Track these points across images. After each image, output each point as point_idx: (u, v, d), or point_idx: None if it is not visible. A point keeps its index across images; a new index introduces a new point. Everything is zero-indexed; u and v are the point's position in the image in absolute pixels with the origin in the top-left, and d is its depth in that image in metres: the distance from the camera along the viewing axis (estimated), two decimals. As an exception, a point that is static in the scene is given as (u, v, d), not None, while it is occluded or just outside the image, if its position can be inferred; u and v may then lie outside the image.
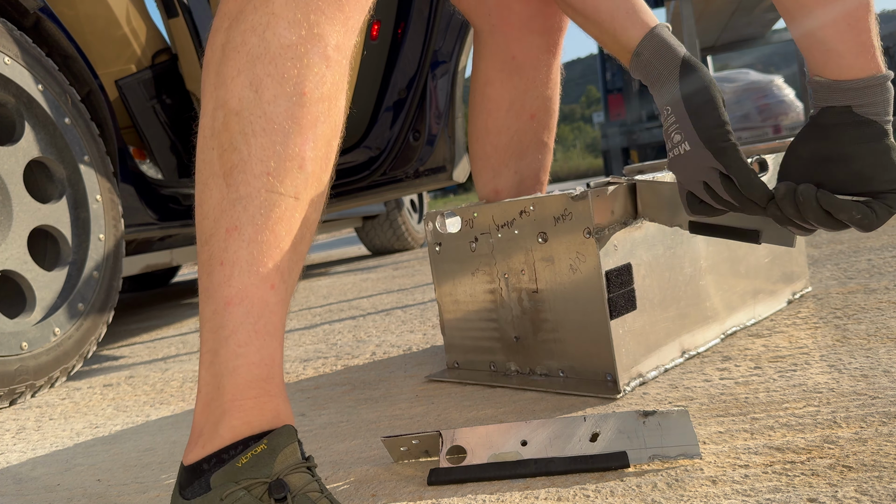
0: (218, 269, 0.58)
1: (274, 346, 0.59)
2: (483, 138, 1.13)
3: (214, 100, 0.59)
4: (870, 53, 0.71)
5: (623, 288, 0.87)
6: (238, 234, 0.57)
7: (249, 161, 0.57)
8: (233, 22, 0.59)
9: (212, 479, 0.55)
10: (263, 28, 0.57)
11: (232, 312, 0.57)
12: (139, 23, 2.29)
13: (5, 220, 1.39)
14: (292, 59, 0.57)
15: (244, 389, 0.58)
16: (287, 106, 0.57)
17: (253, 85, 0.57)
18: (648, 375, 0.90)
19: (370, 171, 2.37)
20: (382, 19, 2.20)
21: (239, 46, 0.58)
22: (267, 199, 0.57)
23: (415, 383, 1.07)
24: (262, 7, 0.58)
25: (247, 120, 0.57)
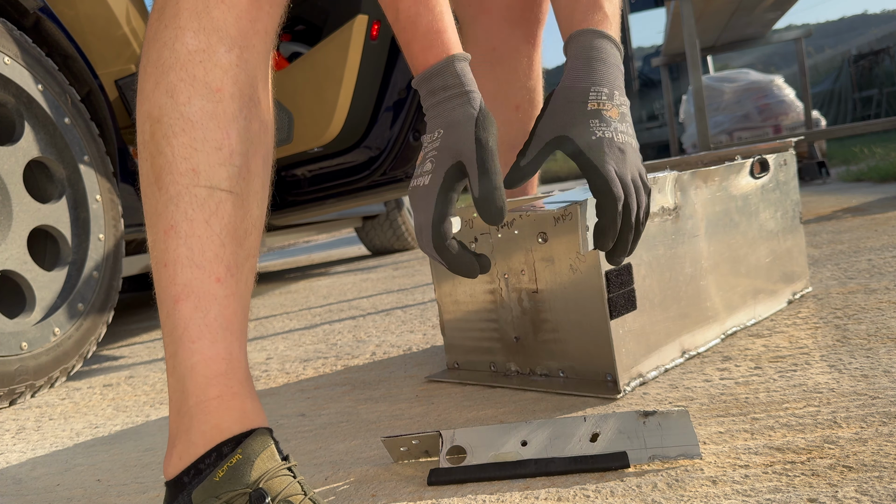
0: (163, 270, 0.59)
1: (230, 341, 0.59)
2: None
3: (141, 114, 0.62)
4: None
5: (623, 288, 0.87)
6: (175, 233, 0.59)
7: (174, 161, 0.59)
8: (150, 43, 0.63)
9: (192, 495, 0.55)
10: (173, 41, 0.61)
11: (180, 309, 0.58)
12: (139, 23, 2.29)
13: (5, 220, 1.39)
14: (201, 62, 0.60)
15: (205, 389, 0.57)
16: (201, 104, 0.60)
17: (168, 92, 0.60)
18: (648, 375, 0.90)
19: (370, 171, 2.37)
20: (382, 19, 2.20)
21: (155, 61, 0.62)
22: (196, 194, 0.59)
23: (415, 383, 1.07)
24: (171, 23, 0.61)
25: (167, 124, 0.60)
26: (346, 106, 2.18)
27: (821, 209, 2.58)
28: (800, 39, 4.40)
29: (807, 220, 2.29)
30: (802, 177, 4.16)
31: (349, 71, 2.14)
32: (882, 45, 14.16)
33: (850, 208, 2.47)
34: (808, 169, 4.13)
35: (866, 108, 13.80)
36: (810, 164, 4.12)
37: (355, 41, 2.13)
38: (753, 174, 1.11)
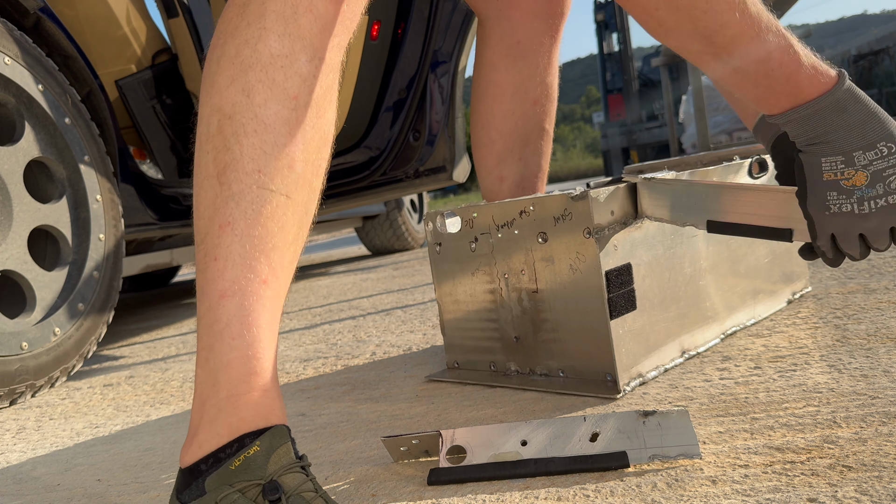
0: (212, 264, 0.60)
1: (268, 341, 0.60)
2: (488, 124, 1.14)
3: (210, 107, 0.62)
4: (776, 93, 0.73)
5: (623, 288, 0.87)
6: (231, 230, 0.59)
7: (241, 160, 0.60)
8: (228, 37, 0.63)
9: (206, 482, 0.56)
10: (256, 41, 0.61)
11: (225, 305, 0.59)
12: (139, 23, 2.29)
13: (5, 220, 1.39)
14: (282, 67, 0.61)
15: (238, 384, 0.58)
16: (277, 109, 0.60)
17: (245, 91, 0.60)
18: (648, 375, 0.90)
19: (370, 171, 2.37)
20: (382, 19, 2.20)
21: (233, 58, 0.62)
22: (258, 196, 0.60)
23: (415, 383, 1.07)
24: (256, 22, 0.61)
25: (239, 122, 0.60)
26: (346, 106, 2.18)
27: (821, 209, 2.57)
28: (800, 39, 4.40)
29: (807, 220, 2.29)
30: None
31: (349, 71, 2.14)
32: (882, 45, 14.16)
33: (850, 208, 2.46)
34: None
35: (866, 108, 13.75)
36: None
37: (355, 41, 2.13)
38: (752, 174, 1.11)
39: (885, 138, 0.71)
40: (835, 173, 0.72)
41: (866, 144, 0.71)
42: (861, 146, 0.71)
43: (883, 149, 0.71)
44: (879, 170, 0.71)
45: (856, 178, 0.72)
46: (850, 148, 0.72)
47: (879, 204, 0.71)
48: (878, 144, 0.71)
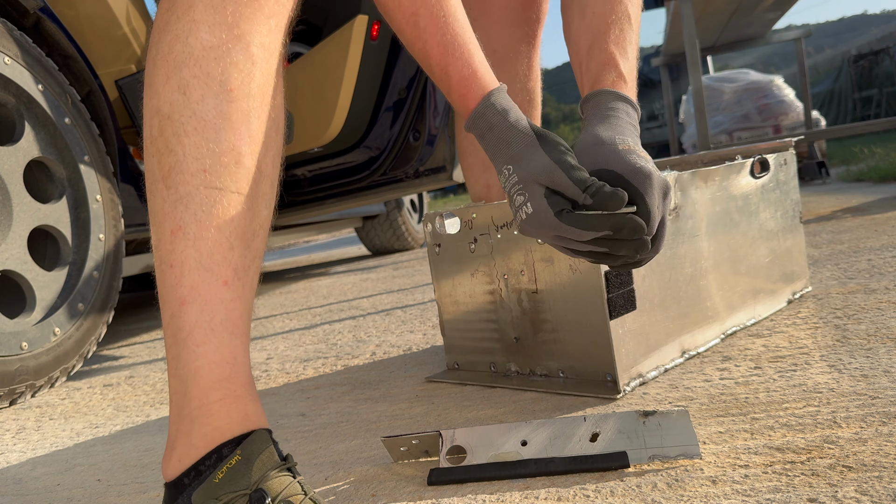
0: (169, 271, 0.58)
1: (235, 345, 0.58)
2: None
3: (150, 108, 0.60)
4: None
5: (622, 288, 0.87)
6: (183, 234, 0.58)
7: (185, 160, 0.58)
8: (160, 34, 0.61)
9: (193, 497, 0.55)
10: (186, 34, 0.59)
11: (186, 312, 0.57)
12: (139, 23, 2.29)
13: (5, 220, 1.39)
14: (215, 59, 0.59)
15: (208, 392, 0.57)
16: (215, 103, 0.58)
17: (181, 88, 0.59)
18: (648, 375, 0.90)
19: (370, 171, 2.37)
20: (382, 19, 2.20)
21: (166, 55, 0.60)
22: (207, 196, 0.58)
23: (415, 383, 1.07)
24: (185, 16, 0.60)
25: (178, 122, 0.58)
26: (346, 106, 2.18)
27: (821, 209, 2.58)
28: (800, 39, 4.41)
29: (807, 220, 2.29)
30: (802, 177, 4.16)
31: (349, 71, 2.14)
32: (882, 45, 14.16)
33: (850, 208, 2.47)
34: (808, 169, 4.13)
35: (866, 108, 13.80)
36: (810, 164, 4.12)
37: (355, 41, 2.13)
38: (754, 174, 1.11)
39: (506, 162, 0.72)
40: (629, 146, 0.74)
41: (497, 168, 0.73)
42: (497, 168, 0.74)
43: (505, 171, 0.72)
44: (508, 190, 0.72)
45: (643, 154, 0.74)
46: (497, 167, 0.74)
47: (519, 218, 0.72)
48: (503, 168, 0.72)
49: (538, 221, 0.69)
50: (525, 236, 0.80)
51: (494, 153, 0.73)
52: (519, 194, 0.71)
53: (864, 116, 13.41)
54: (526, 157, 0.71)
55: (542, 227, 0.70)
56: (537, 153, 0.71)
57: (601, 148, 0.74)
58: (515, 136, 0.72)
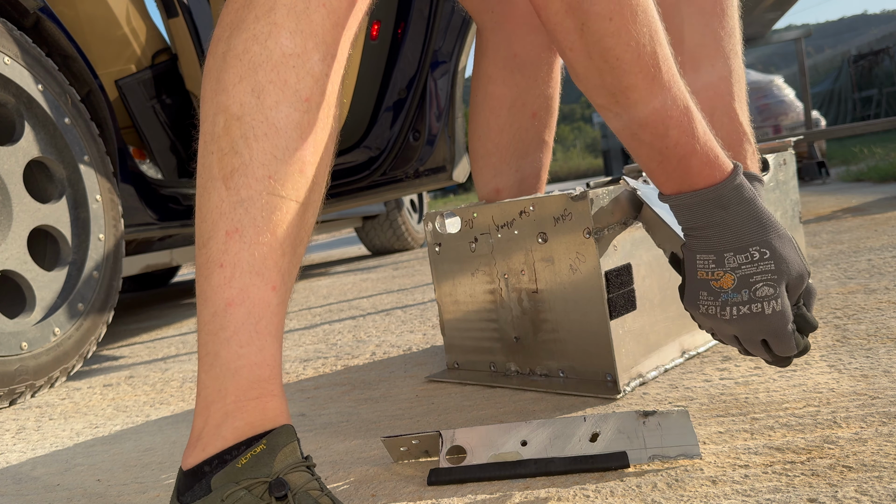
0: (217, 271, 0.58)
1: (275, 348, 0.60)
2: (485, 136, 1.13)
3: (215, 105, 0.60)
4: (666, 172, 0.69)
5: (623, 288, 0.87)
6: (239, 237, 0.58)
7: (251, 164, 0.58)
8: (234, 31, 0.60)
9: (212, 480, 0.56)
10: (265, 37, 0.59)
11: (233, 314, 0.58)
12: (139, 23, 2.29)
13: (5, 220, 1.39)
14: (294, 67, 0.58)
15: (247, 391, 0.58)
16: (288, 112, 0.58)
17: (255, 91, 0.58)
18: (648, 375, 0.90)
19: (370, 171, 2.37)
20: (382, 19, 2.20)
21: (241, 54, 0.59)
22: (269, 202, 0.58)
23: (415, 383, 1.07)
24: (265, 17, 0.59)
25: (248, 125, 0.58)
26: (346, 106, 2.18)
27: (820, 209, 2.58)
28: (800, 39, 4.41)
29: (807, 220, 2.29)
30: (802, 177, 4.16)
31: (349, 71, 2.14)
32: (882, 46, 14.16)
33: (850, 208, 2.47)
34: (808, 169, 4.13)
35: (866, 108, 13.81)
36: (810, 164, 4.12)
37: (356, 41, 2.13)
38: (753, 174, 1.11)
39: (759, 243, 0.67)
40: (706, 272, 0.69)
41: (738, 247, 0.67)
42: (733, 248, 0.67)
43: (755, 253, 0.67)
44: (747, 275, 0.67)
45: (723, 280, 0.68)
46: (723, 248, 0.68)
47: (742, 311, 0.67)
48: (749, 248, 0.67)
49: (778, 323, 0.67)
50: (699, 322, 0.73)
51: (741, 230, 0.67)
52: (768, 286, 0.66)
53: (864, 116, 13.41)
54: (784, 252, 0.68)
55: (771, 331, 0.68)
56: (793, 251, 0.68)
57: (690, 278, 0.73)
58: (772, 219, 0.68)
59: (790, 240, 0.69)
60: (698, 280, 0.70)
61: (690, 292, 0.71)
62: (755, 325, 0.68)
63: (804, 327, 0.70)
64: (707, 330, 0.73)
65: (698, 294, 0.70)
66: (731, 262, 0.67)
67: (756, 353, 0.71)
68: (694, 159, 0.67)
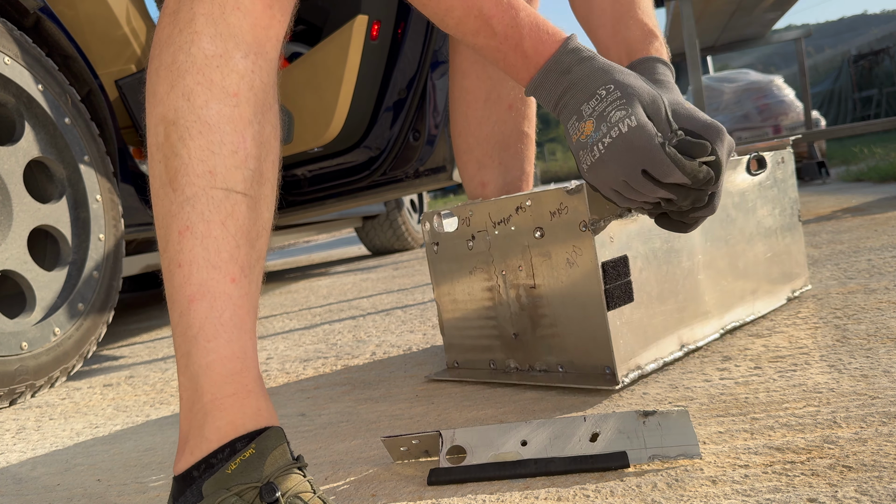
0: (177, 271, 0.60)
1: (244, 340, 0.60)
2: (465, 131, 1.14)
3: (154, 116, 0.63)
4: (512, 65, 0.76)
5: (620, 279, 0.87)
6: (191, 234, 0.59)
7: (191, 163, 0.60)
8: (163, 46, 0.63)
9: (203, 487, 0.55)
10: (189, 45, 0.62)
11: (196, 309, 0.59)
12: (139, 23, 2.29)
13: (5, 220, 1.39)
14: (218, 66, 0.61)
15: (220, 386, 0.58)
16: (219, 108, 0.61)
17: (185, 95, 0.61)
18: (647, 368, 0.90)
19: (370, 171, 2.37)
20: (382, 19, 2.20)
21: (170, 65, 0.62)
22: (213, 196, 0.60)
23: (415, 383, 1.07)
24: (186, 28, 0.62)
25: (183, 126, 0.61)
26: (346, 106, 2.18)
27: (820, 209, 2.58)
28: (800, 39, 4.41)
29: (806, 220, 2.29)
30: (802, 177, 4.16)
31: (349, 71, 2.14)
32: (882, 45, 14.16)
33: (850, 208, 2.47)
34: (808, 169, 4.13)
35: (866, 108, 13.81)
36: (810, 164, 4.12)
37: (355, 41, 2.13)
38: (750, 171, 1.11)
39: (604, 83, 0.71)
40: (575, 132, 0.73)
41: (588, 95, 0.72)
42: (585, 98, 0.72)
43: (601, 92, 0.71)
44: (600, 112, 0.71)
45: (585, 128, 0.72)
46: (578, 104, 0.72)
47: (605, 142, 0.70)
48: (597, 91, 0.71)
49: (640, 138, 0.69)
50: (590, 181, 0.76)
51: (587, 81, 0.72)
52: (619, 109, 0.70)
53: (864, 116, 13.41)
54: (629, 81, 0.72)
55: (638, 150, 0.69)
56: (640, 80, 0.73)
57: None
58: (615, 66, 0.73)
59: (636, 76, 0.73)
60: (574, 144, 0.73)
61: (577, 161, 0.74)
62: (622, 150, 0.70)
63: (692, 149, 0.71)
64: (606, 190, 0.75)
65: (579, 157, 0.73)
66: (587, 111, 0.72)
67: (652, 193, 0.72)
68: (526, 42, 0.74)
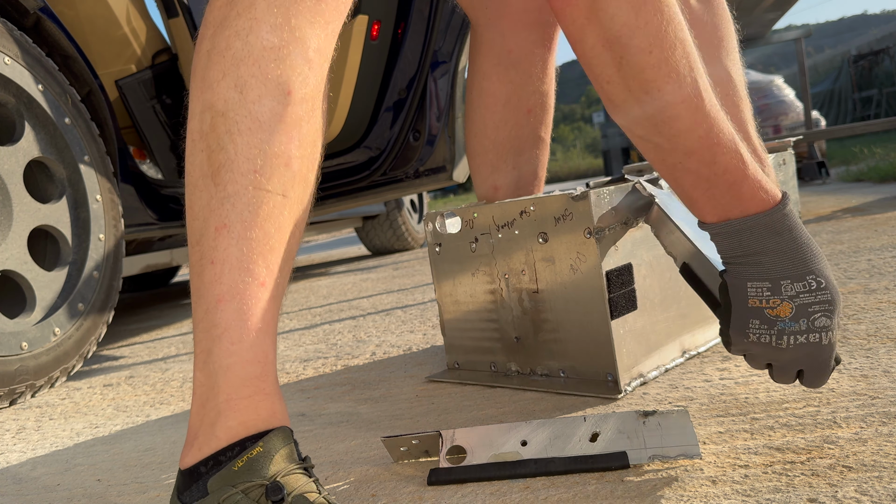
0: (209, 267, 0.59)
1: (267, 344, 0.59)
2: (481, 133, 1.13)
3: (201, 103, 0.60)
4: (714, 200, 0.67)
5: (624, 288, 0.87)
6: (227, 232, 0.58)
7: (236, 159, 0.58)
8: (217, 28, 0.60)
9: (209, 483, 0.55)
10: (247, 32, 0.59)
11: (223, 310, 0.58)
12: (139, 23, 2.29)
13: (5, 220, 1.39)
14: (275, 60, 0.59)
15: (238, 388, 0.58)
16: (271, 105, 0.58)
17: (237, 86, 0.58)
18: (649, 375, 0.90)
19: (370, 171, 2.37)
20: (382, 19, 2.20)
21: (223, 51, 0.59)
22: (255, 197, 0.58)
23: (415, 383, 1.07)
24: (245, 13, 0.59)
25: (232, 120, 0.58)
26: (346, 106, 2.18)
27: (820, 209, 2.58)
28: (800, 39, 4.40)
29: (807, 220, 2.29)
30: (802, 177, 4.16)
31: (349, 71, 2.14)
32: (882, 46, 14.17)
33: (850, 208, 2.47)
34: (808, 169, 4.13)
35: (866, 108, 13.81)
36: (810, 165, 4.12)
37: (355, 41, 2.13)
38: (753, 174, 1.10)
39: (815, 272, 0.66)
40: (760, 300, 0.66)
41: (796, 275, 0.65)
42: (790, 275, 0.65)
43: (812, 282, 0.65)
44: (805, 304, 0.65)
45: (780, 308, 0.66)
46: (779, 275, 0.66)
47: (799, 340, 0.65)
48: (807, 277, 0.65)
49: (827, 356, 0.67)
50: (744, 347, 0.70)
51: (796, 256, 0.66)
52: (825, 316, 0.65)
53: (864, 116, 13.42)
54: (832, 279, 0.67)
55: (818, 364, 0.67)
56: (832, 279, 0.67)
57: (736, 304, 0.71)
58: (818, 248, 0.67)
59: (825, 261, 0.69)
60: (750, 308, 0.67)
61: (739, 320, 0.68)
62: (809, 356, 0.66)
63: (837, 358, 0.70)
64: (739, 351, 0.71)
65: (748, 322, 0.67)
66: (789, 291, 0.65)
67: (784, 380, 0.69)
68: (745, 185, 0.66)
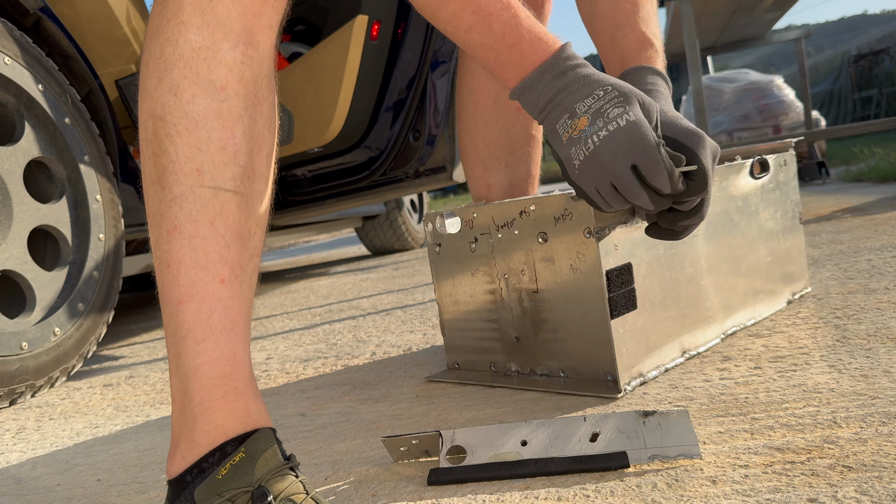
0: (166, 271, 0.59)
1: (234, 342, 0.59)
2: (472, 132, 1.14)
3: (144, 111, 0.61)
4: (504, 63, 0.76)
5: (623, 287, 0.87)
6: (178, 234, 0.58)
7: (178, 160, 0.59)
8: (152, 38, 0.62)
9: (195, 493, 0.55)
10: (176, 37, 0.60)
11: (184, 311, 0.58)
12: (139, 23, 2.29)
13: (5, 220, 1.39)
14: (205, 59, 0.59)
15: (210, 390, 0.57)
16: (205, 103, 0.59)
17: (171, 89, 0.59)
18: (649, 375, 0.90)
19: (370, 171, 2.37)
20: (382, 19, 2.20)
21: (158, 58, 0.61)
22: (201, 195, 0.58)
23: (415, 383, 1.07)
24: (174, 18, 0.60)
25: (170, 123, 0.59)
26: (346, 106, 2.18)
27: (821, 209, 2.58)
28: (800, 39, 4.41)
29: (807, 221, 2.29)
30: (802, 177, 4.16)
31: (349, 71, 2.14)
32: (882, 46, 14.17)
33: (850, 208, 2.47)
34: (808, 169, 4.13)
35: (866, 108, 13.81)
36: (810, 165, 4.12)
37: (355, 41, 2.13)
38: (753, 174, 1.11)
39: (602, 85, 0.73)
40: (566, 130, 0.73)
41: (585, 94, 0.72)
42: (580, 98, 0.73)
43: (599, 91, 0.72)
44: (597, 109, 0.72)
45: (579, 123, 0.73)
46: (572, 102, 0.73)
47: (601, 134, 0.71)
48: (594, 91, 0.72)
49: (637, 130, 0.70)
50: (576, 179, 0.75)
51: (583, 83, 0.73)
52: (617, 106, 0.71)
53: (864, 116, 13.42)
54: (625, 84, 0.74)
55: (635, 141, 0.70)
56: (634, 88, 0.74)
57: None
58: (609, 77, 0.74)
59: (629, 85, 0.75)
60: (564, 144, 0.74)
61: (565, 161, 0.74)
62: (618, 142, 0.70)
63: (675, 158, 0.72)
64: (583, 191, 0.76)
65: (569, 155, 0.73)
66: (582, 109, 0.72)
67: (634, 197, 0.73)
68: (524, 43, 0.74)
